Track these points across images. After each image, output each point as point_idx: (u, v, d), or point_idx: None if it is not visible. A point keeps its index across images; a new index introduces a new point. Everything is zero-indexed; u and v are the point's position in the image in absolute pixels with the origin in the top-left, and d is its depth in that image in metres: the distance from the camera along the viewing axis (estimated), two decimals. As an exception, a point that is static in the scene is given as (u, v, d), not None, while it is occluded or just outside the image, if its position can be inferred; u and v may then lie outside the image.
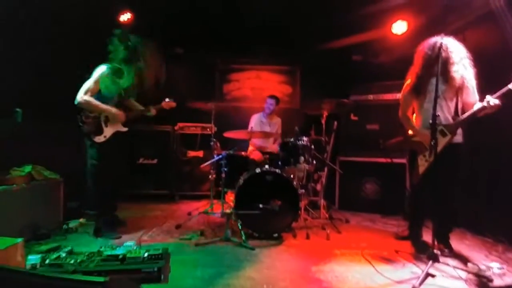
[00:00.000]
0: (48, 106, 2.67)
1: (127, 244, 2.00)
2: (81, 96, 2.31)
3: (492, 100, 1.96)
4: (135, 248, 1.94)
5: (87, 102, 2.32)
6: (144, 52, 2.42)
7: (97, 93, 2.38)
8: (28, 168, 2.47)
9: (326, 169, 3.26)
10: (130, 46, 2.38)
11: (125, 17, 3.51)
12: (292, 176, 2.80)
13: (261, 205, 2.48)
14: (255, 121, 3.74)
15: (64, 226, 2.59)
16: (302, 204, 2.91)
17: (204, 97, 3.29)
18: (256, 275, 1.87)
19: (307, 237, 2.59)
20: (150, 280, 1.66)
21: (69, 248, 1.98)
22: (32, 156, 2.57)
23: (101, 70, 2.38)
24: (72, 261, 1.73)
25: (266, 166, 2.71)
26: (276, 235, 2.53)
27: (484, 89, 2.08)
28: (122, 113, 2.50)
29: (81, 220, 2.78)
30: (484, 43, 2.71)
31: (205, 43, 4.30)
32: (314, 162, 2.97)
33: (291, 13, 3.69)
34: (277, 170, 2.65)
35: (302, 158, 2.83)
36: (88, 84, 2.35)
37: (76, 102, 2.32)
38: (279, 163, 2.87)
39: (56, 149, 2.77)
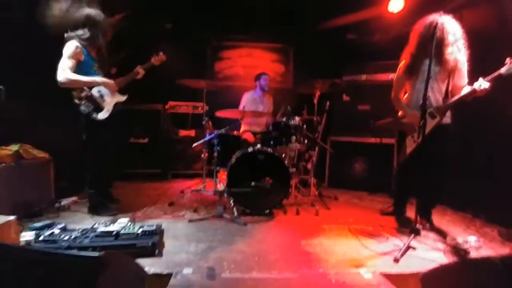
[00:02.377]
0: (33, 83, 2.54)
1: (121, 221, 2.04)
2: (61, 75, 2.22)
3: (483, 84, 1.97)
4: (129, 225, 1.98)
5: (69, 79, 2.23)
6: (104, 28, 2.39)
7: (76, 70, 2.30)
8: (15, 147, 2.41)
9: (317, 148, 3.31)
10: (93, 26, 2.33)
11: None
12: (283, 155, 2.84)
13: (253, 183, 2.53)
14: (247, 99, 3.69)
15: (57, 205, 2.59)
16: (293, 182, 2.98)
17: (195, 75, 3.18)
18: (248, 248, 1.95)
19: (297, 213, 2.68)
20: (145, 255, 1.71)
21: (63, 225, 2.01)
22: (19, 135, 2.49)
23: (71, 45, 2.28)
24: (66, 237, 1.76)
25: (258, 145, 2.73)
26: (267, 211, 2.61)
27: (477, 71, 2.08)
28: (109, 80, 2.41)
29: (74, 198, 2.79)
30: (481, 23, 2.67)
31: (196, 19, 4.11)
32: (306, 141, 3.01)
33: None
34: (269, 149, 2.67)
35: (294, 138, 2.85)
36: (64, 61, 2.25)
37: (58, 83, 2.22)
38: (271, 142, 2.89)
39: (44, 128, 2.68)
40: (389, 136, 3.37)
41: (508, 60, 1.89)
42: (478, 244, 1.98)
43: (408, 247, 1.90)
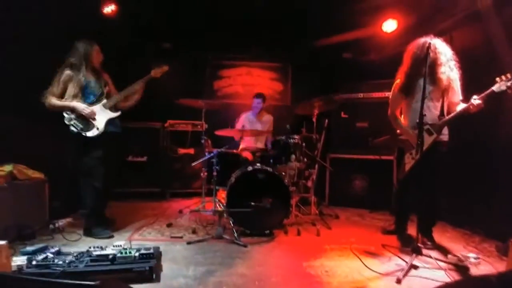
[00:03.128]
0: (27, 102, 2.56)
1: (117, 244, 1.98)
2: (47, 100, 2.38)
3: (476, 101, 2.04)
4: (125, 247, 1.92)
5: (49, 105, 2.38)
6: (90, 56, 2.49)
7: (68, 92, 2.42)
8: (9, 167, 2.37)
9: (316, 166, 3.30)
10: (81, 53, 2.46)
11: (109, 8, 3.38)
12: (283, 173, 2.82)
13: (252, 203, 2.50)
14: (244, 121, 3.68)
15: (51, 226, 2.52)
16: (293, 201, 2.95)
17: (195, 94, 3.24)
18: (248, 271, 1.89)
19: (298, 233, 2.63)
20: (142, 280, 1.65)
21: (57, 248, 1.94)
22: (12, 154, 2.47)
23: (60, 73, 2.43)
24: (60, 262, 1.69)
25: (258, 164, 2.72)
26: (267, 232, 2.56)
27: (469, 90, 2.16)
28: (80, 105, 2.42)
29: (69, 219, 2.72)
30: (470, 43, 2.79)
31: (195, 39, 4.22)
32: (305, 159, 3.01)
33: (283, 10, 3.67)
34: (269, 168, 2.66)
35: (293, 156, 2.85)
36: (50, 88, 2.41)
37: (46, 106, 2.38)
38: (271, 161, 2.89)
39: (38, 147, 2.67)
40: (388, 153, 3.38)
41: (498, 78, 1.97)
42: (477, 260, 1.99)
43: (411, 267, 1.89)
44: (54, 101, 2.39)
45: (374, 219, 3.23)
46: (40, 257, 1.75)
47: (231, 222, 2.53)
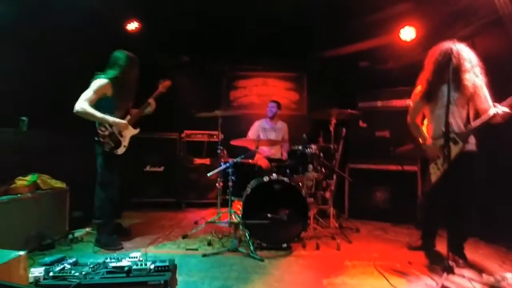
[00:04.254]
0: (53, 115, 2.68)
1: (133, 255, 1.96)
2: (79, 104, 2.31)
3: (501, 108, 1.92)
4: (140, 258, 1.90)
5: (84, 111, 2.30)
6: (131, 71, 2.48)
7: (97, 103, 2.38)
8: (33, 177, 2.45)
9: (335, 177, 3.19)
10: (124, 68, 2.43)
11: (133, 26, 3.56)
12: (300, 184, 2.74)
13: (269, 215, 2.43)
14: (256, 128, 3.66)
15: (70, 236, 2.56)
16: (311, 213, 2.84)
17: (211, 104, 3.27)
18: (265, 288, 1.81)
19: (317, 247, 2.52)
20: (157, 293, 1.61)
21: (74, 259, 1.95)
22: (37, 165, 2.56)
23: (100, 81, 2.40)
24: (77, 273, 1.69)
25: (274, 175, 2.66)
26: (285, 245, 2.47)
27: (494, 97, 2.04)
28: (121, 121, 2.44)
29: (87, 229, 2.76)
30: (493, 49, 2.68)
31: (212, 51, 4.32)
32: (323, 170, 2.91)
33: (298, 20, 3.68)
34: (285, 179, 2.59)
35: (310, 166, 2.77)
36: (87, 93, 2.35)
37: (74, 111, 2.31)
38: (287, 171, 2.82)
39: (61, 158, 2.76)
40: (411, 163, 3.21)
41: None
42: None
43: (442, 288, 1.71)
44: (90, 109, 2.30)
45: (398, 233, 3.04)
46: (57, 268, 1.75)
47: (247, 234, 2.46)
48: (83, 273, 1.71)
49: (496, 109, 1.94)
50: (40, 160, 2.61)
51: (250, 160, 3.10)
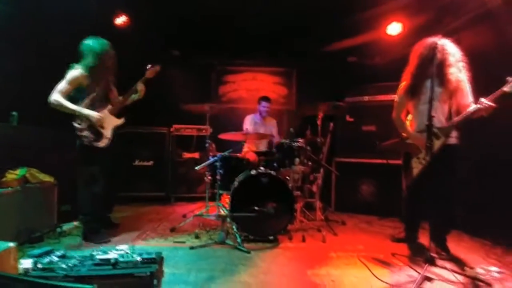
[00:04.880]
0: (42, 110, 2.62)
1: (120, 248, 1.97)
2: (53, 96, 2.25)
3: (485, 102, 1.95)
4: (127, 252, 1.91)
5: (58, 103, 2.24)
6: (106, 58, 2.38)
7: (73, 95, 2.32)
8: (23, 171, 2.43)
9: (322, 170, 3.24)
10: (99, 55, 2.34)
11: (121, 20, 3.49)
12: (287, 177, 2.78)
13: (256, 208, 2.46)
14: (249, 122, 3.72)
15: (58, 229, 2.55)
16: (298, 206, 2.89)
17: (200, 99, 3.25)
18: (251, 279, 1.85)
19: (303, 239, 2.57)
20: (142, 285, 1.63)
21: (62, 252, 1.95)
22: (27, 159, 2.53)
23: (74, 72, 2.32)
24: (64, 266, 1.70)
25: (262, 168, 2.69)
26: (272, 237, 2.51)
27: (478, 91, 2.08)
28: (94, 113, 2.34)
29: (75, 223, 2.75)
30: (479, 44, 2.70)
31: (201, 46, 4.28)
32: (310, 163, 2.96)
33: (287, 16, 3.68)
34: (273, 172, 2.63)
35: (297, 160, 2.81)
36: (61, 85, 2.28)
37: (48, 103, 2.25)
38: (275, 164, 2.85)
39: (50, 152, 2.73)
40: (396, 157, 3.29)
41: (509, 78, 1.87)
42: (501, 275, 1.83)
43: (424, 278, 1.77)
44: (63, 101, 2.24)
45: (383, 226, 3.12)
46: (45, 260, 1.76)
47: (234, 227, 2.49)
48: (70, 265, 1.71)
49: (479, 103, 1.96)
50: (29, 155, 2.57)
51: (238, 154, 3.12)
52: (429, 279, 1.78)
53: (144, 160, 3.94)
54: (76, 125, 2.33)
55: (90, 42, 2.38)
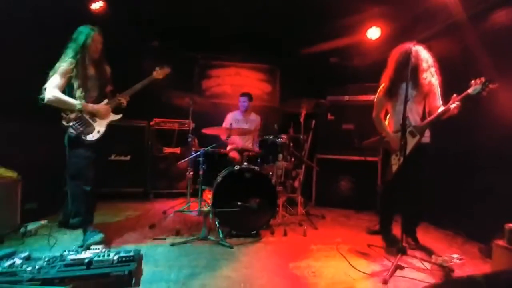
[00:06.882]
0: (7, 100, 2.40)
1: (95, 247, 1.86)
2: (50, 92, 2.09)
3: (455, 102, 2.12)
4: (103, 250, 1.82)
5: (57, 98, 2.09)
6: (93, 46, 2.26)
7: (66, 88, 2.17)
8: (-20, 165, 2.22)
9: (303, 166, 3.30)
10: (84, 44, 2.21)
11: (97, 5, 3.27)
12: (270, 173, 2.80)
13: (239, 203, 2.45)
14: (229, 120, 3.63)
15: (22, 229, 2.35)
16: (280, 201, 2.93)
17: (182, 92, 3.15)
18: (233, 274, 1.84)
19: (285, 233, 2.61)
20: (121, 285, 1.55)
21: (27, 253, 1.80)
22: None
23: (64, 64, 2.16)
24: (29, 268, 1.57)
25: (245, 164, 2.68)
26: (254, 232, 2.52)
27: (448, 95, 2.24)
28: (89, 104, 2.22)
29: (43, 221, 2.55)
30: (447, 52, 2.92)
31: (184, 37, 4.14)
32: (292, 159, 3.00)
33: (273, 16, 3.67)
34: (256, 168, 2.63)
35: (280, 156, 2.84)
36: (55, 79, 2.13)
37: (44, 100, 2.08)
38: (258, 160, 2.86)
39: (14, 146, 2.51)
40: (373, 154, 3.44)
41: (473, 81, 2.06)
42: (461, 261, 2.02)
43: (396, 267, 1.90)
44: (62, 95, 2.11)
45: (360, 219, 3.26)
46: (7, 263, 1.61)
47: (217, 222, 2.46)
48: (37, 267, 1.58)
49: (449, 104, 2.12)
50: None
51: (222, 150, 3.08)
52: (401, 267, 1.93)
53: (121, 154, 3.76)
54: (63, 115, 2.16)
55: (78, 31, 2.25)
